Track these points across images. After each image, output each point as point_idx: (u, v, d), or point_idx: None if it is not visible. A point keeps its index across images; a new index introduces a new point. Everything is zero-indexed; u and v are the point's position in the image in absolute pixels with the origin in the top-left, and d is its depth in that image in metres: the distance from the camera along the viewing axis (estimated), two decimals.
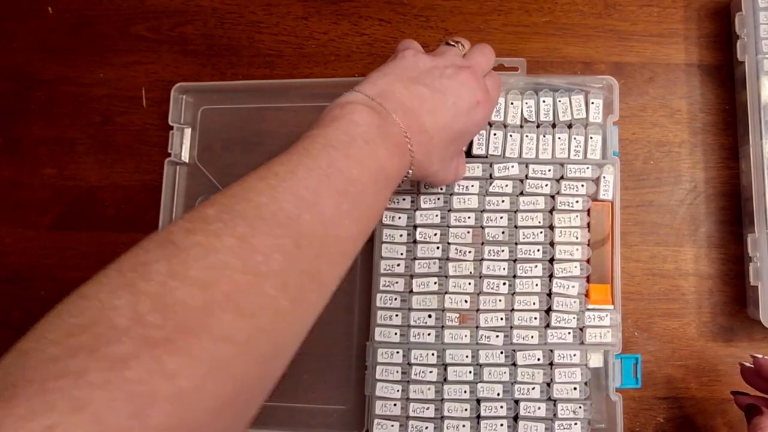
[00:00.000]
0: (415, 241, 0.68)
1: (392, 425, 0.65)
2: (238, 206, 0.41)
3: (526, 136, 0.68)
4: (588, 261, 0.67)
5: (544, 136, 0.68)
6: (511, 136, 0.68)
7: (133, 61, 0.80)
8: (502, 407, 0.65)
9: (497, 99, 0.64)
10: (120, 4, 0.81)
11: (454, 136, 0.56)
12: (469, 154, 0.69)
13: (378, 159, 0.49)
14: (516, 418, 0.65)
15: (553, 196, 0.67)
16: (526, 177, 0.67)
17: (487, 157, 0.68)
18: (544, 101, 0.69)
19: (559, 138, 0.68)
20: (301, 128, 0.75)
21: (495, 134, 0.68)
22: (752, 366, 0.60)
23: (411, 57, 0.58)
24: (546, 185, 0.67)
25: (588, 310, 0.66)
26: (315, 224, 0.43)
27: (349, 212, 0.46)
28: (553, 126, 0.69)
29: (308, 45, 0.78)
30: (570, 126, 0.68)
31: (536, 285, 0.66)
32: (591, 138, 0.68)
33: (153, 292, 0.35)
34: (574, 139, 0.68)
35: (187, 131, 0.76)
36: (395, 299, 0.67)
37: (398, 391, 0.66)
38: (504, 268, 0.67)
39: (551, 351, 0.65)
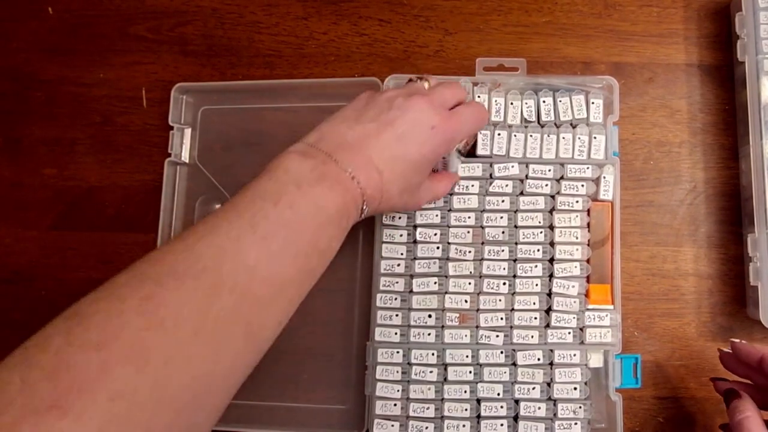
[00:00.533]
0: (415, 241, 0.68)
1: (392, 425, 0.65)
2: (150, 269, 0.43)
3: (530, 136, 0.68)
4: (588, 261, 0.67)
5: (548, 136, 0.68)
6: (515, 136, 0.68)
7: (133, 61, 0.80)
8: (502, 407, 0.65)
9: (473, 128, 0.64)
10: (120, 4, 0.81)
11: (411, 166, 0.57)
12: (473, 154, 0.69)
13: (314, 198, 0.50)
14: (516, 418, 0.65)
15: (553, 196, 0.67)
16: (527, 177, 0.67)
17: (491, 156, 0.68)
18: (544, 101, 0.69)
19: (563, 138, 0.68)
20: (300, 128, 0.75)
21: (499, 134, 0.68)
22: (730, 351, 0.61)
23: (364, 98, 0.59)
24: (546, 185, 0.67)
25: (588, 310, 0.66)
26: (238, 271, 0.44)
27: (281, 254, 0.47)
28: (557, 126, 0.69)
29: (308, 45, 0.78)
30: (574, 126, 0.68)
31: (536, 285, 0.66)
32: (595, 138, 0.68)
33: (47, 361, 0.36)
34: (578, 139, 0.68)
35: (187, 131, 0.76)
36: (395, 299, 0.67)
37: (398, 391, 0.66)
38: (504, 268, 0.67)
39: (551, 351, 0.65)
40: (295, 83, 0.76)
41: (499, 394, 0.65)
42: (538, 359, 0.65)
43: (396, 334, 0.67)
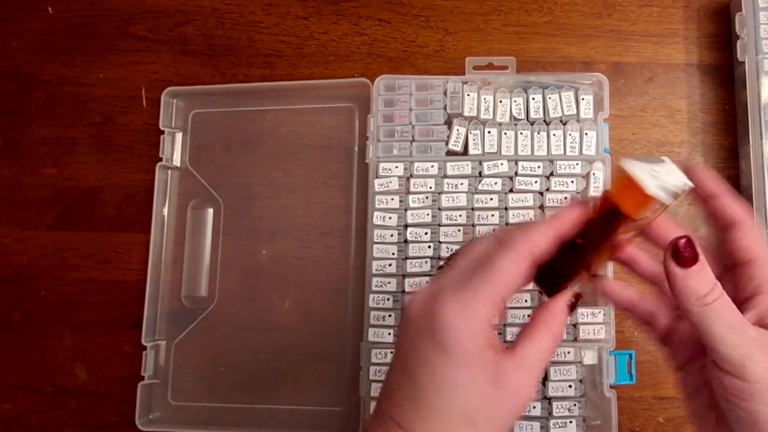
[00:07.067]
0: (405, 241, 0.67)
1: None
2: None
3: (521, 133, 0.68)
4: None
5: (538, 133, 0.68)
6: (505, 134, 0.68)
7: (133, 61, 0.80)
8: None
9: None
10: (120, 4, 0.81)
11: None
12: (465, 153, 0.69)
13: None
14: None
15: (542, 193, 0.67)
16: (516, 174, 0.67)
17: (483, 155, 0.68)
18: (533, 98, 0.69)
19: (554, 135, 0.67)
20: (293, 130, 0.75)
21: (489, 132, 0.68)
22: None
23: None
24: (535, 182, 0.67)
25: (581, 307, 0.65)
26: None
27: None
28: (547, 123, 0.68)
29: (308, 45, 0.78)
30: (564, 123, 0.68)
31: None
32: (586, 134, 0.67)
33: None
34: (569, 135, 0.67)
35: (178, 135, 0.77)
36: (387, 299, 0.67)
37: None
38: None
39: None
40: (285, 86, 0.77)
41: None
42: None
43: (389, 334, 0.66)
